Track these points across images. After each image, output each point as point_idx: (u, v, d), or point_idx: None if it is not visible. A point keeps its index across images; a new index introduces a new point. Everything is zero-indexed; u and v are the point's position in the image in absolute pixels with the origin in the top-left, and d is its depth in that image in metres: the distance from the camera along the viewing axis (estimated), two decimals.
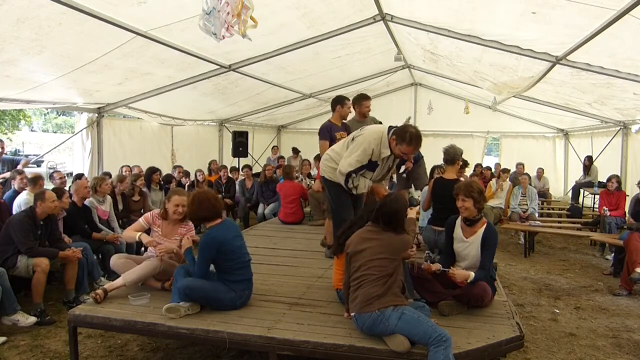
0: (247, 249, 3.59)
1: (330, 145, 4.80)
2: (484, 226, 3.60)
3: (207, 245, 3.34)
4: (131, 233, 4.01)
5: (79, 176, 6.57)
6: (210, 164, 9.90)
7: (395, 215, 3.07)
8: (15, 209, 5.15)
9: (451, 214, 3.84)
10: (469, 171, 9.57)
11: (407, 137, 3.71)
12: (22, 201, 5.20)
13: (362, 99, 5.30)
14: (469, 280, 3.40)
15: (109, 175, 6.93)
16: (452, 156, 4.70)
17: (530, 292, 5.50)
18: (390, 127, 3.93)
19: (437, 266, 3.54)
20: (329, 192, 4.33)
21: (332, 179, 4.19)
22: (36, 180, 5.30)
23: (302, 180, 8.60)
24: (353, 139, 4.00)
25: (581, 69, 5.84)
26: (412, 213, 3.42)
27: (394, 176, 7.53)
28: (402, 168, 5.61)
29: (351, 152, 3.94)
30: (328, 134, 5.02)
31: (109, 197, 5.98)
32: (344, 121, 5.25)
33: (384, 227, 3.06)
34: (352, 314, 3.01)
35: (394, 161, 4.13)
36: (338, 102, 5.16)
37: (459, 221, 3.74)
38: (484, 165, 10.97)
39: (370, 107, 5.33)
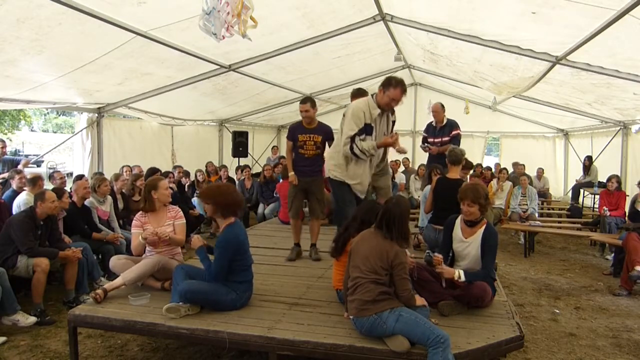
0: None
1: (294, 147, 4.89)
2: (484, 226, 3.59)
3: (229, 243, 3.34)
4: (135, 243, 3.99)
5: (80, 177, 6.56)
6: (207, 165, 9.90)
7: (397, 219, 3.03)
8: (15, 209, 5.14)
9: (453, 214, 3.84)
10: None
11: (392, 81, 3.93)
12: (21, 201, 5.19)
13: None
14: (456, 278, 3.39)
15: (102, 174, 6.90)
16: (458, 157, 4.71)
17: (530, 292, 5.50)
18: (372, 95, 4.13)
19: (440, 257, 3.53)
20: (334, 192, 4.37)
21: (337, 178, 4.20)
22: (35, 180, 5.29)
23: None
24: (344, 116, 4.14)
25: (581, 69, 5.84)
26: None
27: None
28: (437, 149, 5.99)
29: (346, 124, 4.04)
30: (292, 135, 4.93)
31: (109, 198, 5.98)
32: (322, 123, 4.93)
33: (386, 232, 3.02)
34: (351, 317, 3.02)
35: (388, 124, 4.20)
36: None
37: (458, 221, 3.73)
38: (484, 166, 10.97)
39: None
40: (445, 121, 6.31)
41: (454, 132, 6.15)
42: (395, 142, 4.03)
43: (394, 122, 4.33)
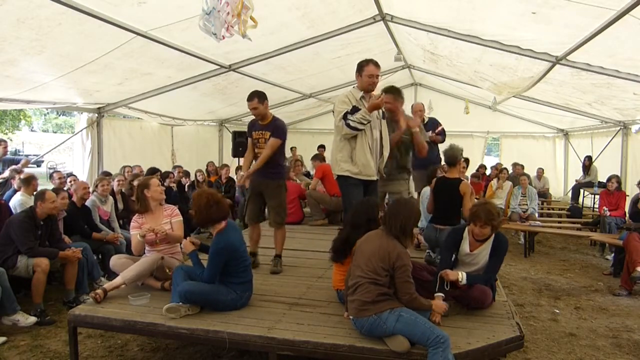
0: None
1: (252, 143, 4.52)
2: (493, 236, 3.49)
3: (220, 251, 3.33)
4: (134, 242, 4.00)
5: (68, 175, 6.59)
6: (207, 165, 9.90)
7: (402, 218, 3.01)
8: (11, 210, 5.14)
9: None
10: (470, 170, 9.58)
11: (362, 62, 4.09)
12: (16, 202, 5.19)
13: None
14: (459, 280, 3.37)
15: (108, 174, 6.92)
16: (453, 158, 4.70)
17: (530, 292, 5.50)
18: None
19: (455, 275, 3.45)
20: (343, 195, 4.33)
21: (342, 173, 4.17)
22: (29, 180, 5.29)
23: (300, 181, 8.58)
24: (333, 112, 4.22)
25: (581, 69, 5.84)
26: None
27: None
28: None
29: (337, 112, 4.10)
30: (249, 132, 4.55)
31: (111, 198, 5.99)
32: (277, 117, 4.54)
33: (393, 231, 3.01)
34: (351, 317, 3.02)
35: (378, 115, 4.21)
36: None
37: (467, 235, 3.58)
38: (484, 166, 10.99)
39: None
40: (426, 120, 6.48)
41: (440, 127, 6.37)
42: (381, 102, 4.04)
43: (384, 112, 4.38)
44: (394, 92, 4.72)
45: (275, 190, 4.44)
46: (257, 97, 4.34)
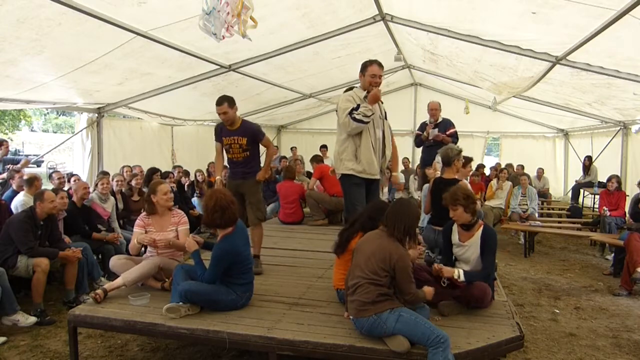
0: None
1: (222, 147, 4.50)
2: (481, 228, 3.58)
3: (222, 256, 3.33)
4: (132, 243, 4.01)
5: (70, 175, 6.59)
6: (208, 165, 9.91)
7: (406, 221, 3.00)
8: (13, 210, 5.13)
9: (450, 214, 3.83)
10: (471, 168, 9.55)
11: (366, 62, 4.14)
12: (18, 203, 5.18)
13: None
14: (456, 277, 3.38)
15: (106, 173, 6.91)
16: (447, 158, 4.71)
17: (530, 292, 5.50)
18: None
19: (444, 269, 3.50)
20: (345, 193, 4.34)
21: (346, 172, 4.18)
22: (32, 181, 5.29)
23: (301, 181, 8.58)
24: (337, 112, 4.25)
25: (581, 69, 5.84)
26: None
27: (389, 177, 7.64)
28: (434, 133, 6.12)
29: (341, 110, 4.13)
30: (217, 136, 4.51)
31: (112, 198, 5.98)
32: (246, 121, 4.54)
33: (396, 234, 3.00)
34: (351, 317, 3.02)
35: (381, 111, 4.25)
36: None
37: (455, 226, 3.71)
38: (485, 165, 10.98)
39: None
40: (440, 119, 6.42)
41: (452, 130, 6.32)
42: (378, 92, 4.08)
43: (386, 112, 4.41)
44: None
45: (253, 187, 4.46)
46: (227, 102, 4.26)
